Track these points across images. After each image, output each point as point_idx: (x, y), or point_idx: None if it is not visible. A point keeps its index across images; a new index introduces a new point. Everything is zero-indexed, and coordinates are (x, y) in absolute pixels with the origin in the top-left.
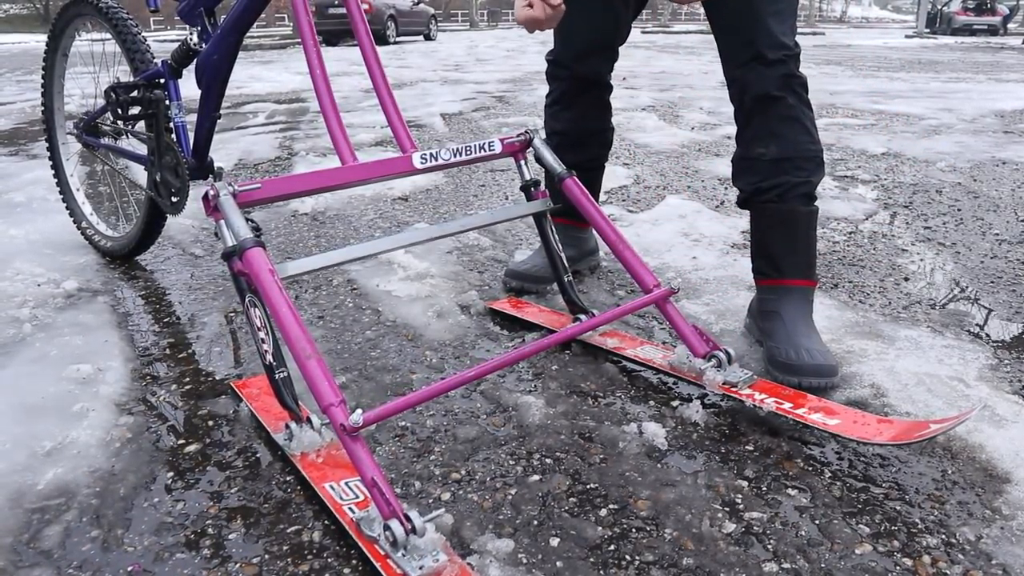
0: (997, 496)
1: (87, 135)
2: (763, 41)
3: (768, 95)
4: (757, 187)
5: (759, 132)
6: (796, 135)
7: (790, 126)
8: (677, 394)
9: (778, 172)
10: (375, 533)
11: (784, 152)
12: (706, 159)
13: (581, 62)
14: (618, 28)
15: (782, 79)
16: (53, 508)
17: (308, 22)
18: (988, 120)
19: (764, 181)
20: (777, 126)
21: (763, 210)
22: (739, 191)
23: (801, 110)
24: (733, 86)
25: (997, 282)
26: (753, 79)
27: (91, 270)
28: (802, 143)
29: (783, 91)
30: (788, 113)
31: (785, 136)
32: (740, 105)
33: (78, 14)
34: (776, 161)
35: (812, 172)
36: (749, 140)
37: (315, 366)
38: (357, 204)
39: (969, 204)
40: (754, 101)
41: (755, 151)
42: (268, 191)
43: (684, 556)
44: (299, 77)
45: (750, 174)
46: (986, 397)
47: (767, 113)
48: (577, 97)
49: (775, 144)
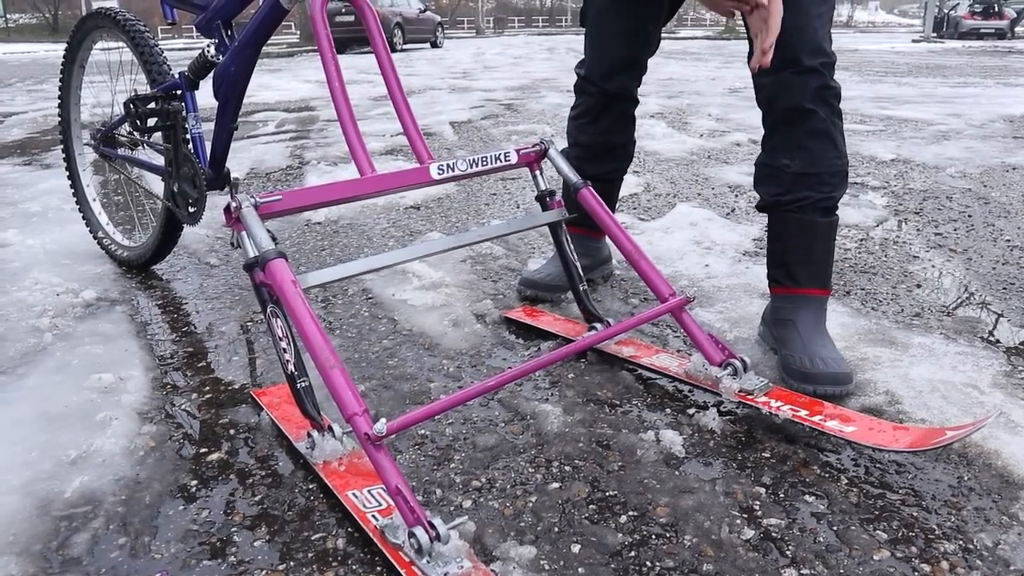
0: (1014, 502)
1: (104, 146)
2: (802, 46)
3: (800, 108)
4: (777, 199)
5: (785, 143)
6: (824, 150)
7: (818, 141)
8: (693, 402)
9: (801, 186)
10: (399, 540)
11: (809, 167)
12: (716, 166)
13: (609, 80)
14: (648, 44)
15: (816, 91)
16: (80, 516)
17: (326, 33)
18: (997, 125)
19: (785, 194)
20: (805, 140)
21: (782, 219)
22: (759, 196)
23: (832, 123)
24: (762, 92)
25: (1009, 288)
26: (785, 88)
27: (108, 280)
28: (828, 158)
29: (815, 104)
30: (818, 127)
31: (812, 151)
32: (768, 112)
33: (96, 26)
34: (800, 175)
35: (836, 187)
36: (774, 149)
37: (339, 376)
38: (370, 213)
39: (980, 210)
40: (784, 111)
41: (780, 161)
42: (289, 203)
43: (704, 562)
44: (307, 86)
45: (772, 184)
46: (1001, 404)
47: (796, 125)
48: (604, 111)
49: (801, 158)
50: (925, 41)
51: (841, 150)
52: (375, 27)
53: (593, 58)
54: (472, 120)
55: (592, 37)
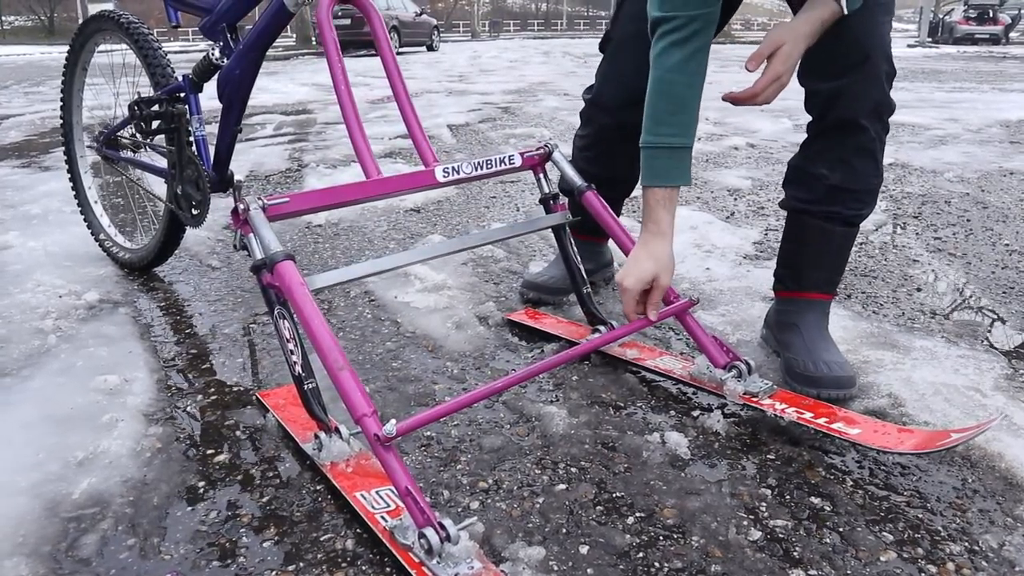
0: (1018, 504)
1: (107, 148)
2: (874, 48)
3: (854, 122)
4: (807, 207)
5: (828, 154)
6: (866, 168)
7: (863, 159)
8: (697, 404)
9: (834, 200)
10: (409, 541)
11: (847, 183)
12: (714, 170)
13: (626, 109)
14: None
15: (875, 106)
16: (88, 517)
17: (332, 36)
18: (994, 130)
19: (815, 205)
20: (850, 156)
21: (804, 225)
22: (785, 195)
23: (880, 140)
24: (816, 98)
25: (1009, 292)
26: (845, 99)
27: (111, 282)
28: (868, 177)
29: (870, 120)
30: (866, 145)
31: (854, 167)
32: (820, 118)
33: (99, 29)
34: (836, 188)
35: (867, 204)
36: (814, 155)
37: (348, 377)
38: (370, 216)
39: (978, 214)
40: (836, 123)
41: (818, 170)
42: (296, 205)
43: (712, 563)
44: (304, 88)
45: (804, 190)
46: (1003, 406)
47: (845, 139)
48: (615, 146)
49: (841, 172)
50: (921, 46)
51: (880, 168)
52: (380, 30)
53: (612, 85)
54: (470, 123)
55: (616, 64)
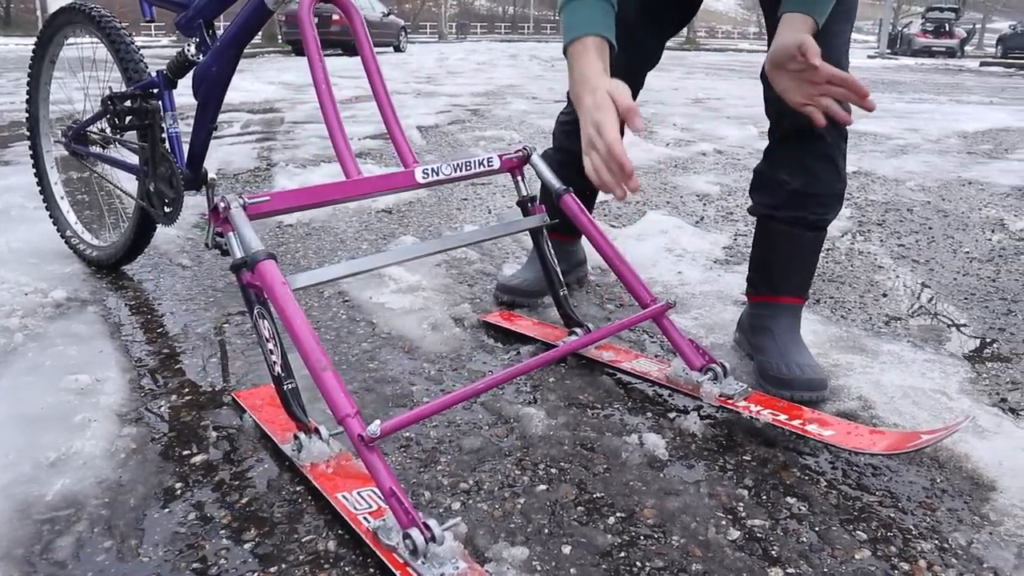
0: (984, 503)
1: (75, 143)
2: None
3: (811, 130)
4: (772, 212)
5: (789, 160)
6: (826, 174)
7: (823, 164)
8: (673, 406)
9: (797, 205)
10: (393, 542)
11: (809, 188)
12: (683, 175)
13: None
14: (651, 60)
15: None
16: (63, 519)
17: (313, 36)
18: (952, 141)
19: (780, 211)
20: (810, 161)
21: (771, 229)
22: (752, 201)
23: (838, 146)
24: (773, 104)
25: (971, 298)
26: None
27: (78, 279)
28: (828, 182)
29: (826, 128)
30: (825, 152)
31: (815, 173)
32: (777, 125)
33: (68, 22)
34: (796, 194)
35: (831, 208)
36: (776, 161)
37: (330, 378)
38: (342, 216)
39: (939, 222)
40: (793, 131)
41: (780, 175)
42: (277, 204)
43: (693, 562)
44: (271, 87)
45: (768, 196)
46: (968, 409)
47: (803, 146)
48: None
49: (801, 177)
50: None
51: (842, 173)
52: (361, 30)
53: None
54: (439, 125)
55: None
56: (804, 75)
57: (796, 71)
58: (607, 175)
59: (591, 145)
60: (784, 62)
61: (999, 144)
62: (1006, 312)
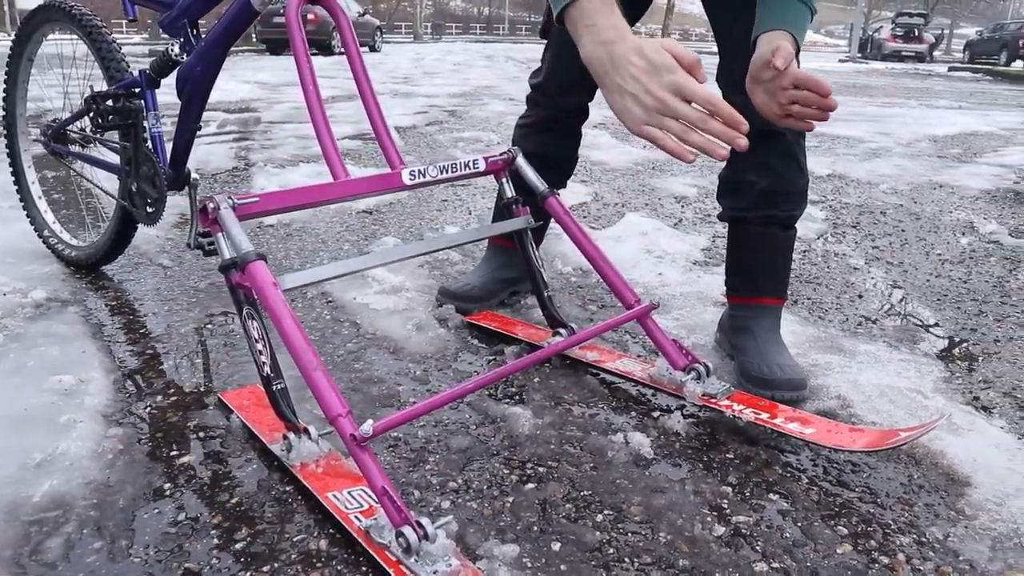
0: (959, 498)
1: (55, 142)
2: None
3: (771, 130)
4: (743, 214)
5: (752, 161)
6: (789, 171)
7: (785, 162)
8: (657, 405)
9: (765, 204)
10: (386, 540)
11: (774, 186)
12: (661, 177)
13: (566, 94)
14: None
15: None
16: (51, 520)
17: (301, 37)
18: (923, 144)
19: (749, 211)
20: (773, 160)
21: (744, 231)
22: (721, 208)
23: (798, 144)
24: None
25: (943, 299)
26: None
27: (57, 280)
28: (793, 179)
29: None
30: (787, 150)
31: (778, 171)
32: None
33: (47, 19)
34: (765, 193)
35: (797, 204)
36: (740, 164)
37: (321, 377)
38: (322, 217)
39: (912, 225)
40: (753, 132)
41: (746, 177)
42: (266, 204)
43: (680, 557)
44: (247, 86)
45: (737, 198)
46: (943, 407)
47: (764, 146)
48: (554, 124)
49: (767, 177)
50: (851, 61)
51: (804, 169)
52: (348, 30)
53: (553, 71)
54: (417, 126)
55: (556, 55)
56: (775, 83)
57: (768, 81)
58: (699, 138)
59: (666, 111)
60: (759, 72)
61: (968, 148)
62: (977, 313)
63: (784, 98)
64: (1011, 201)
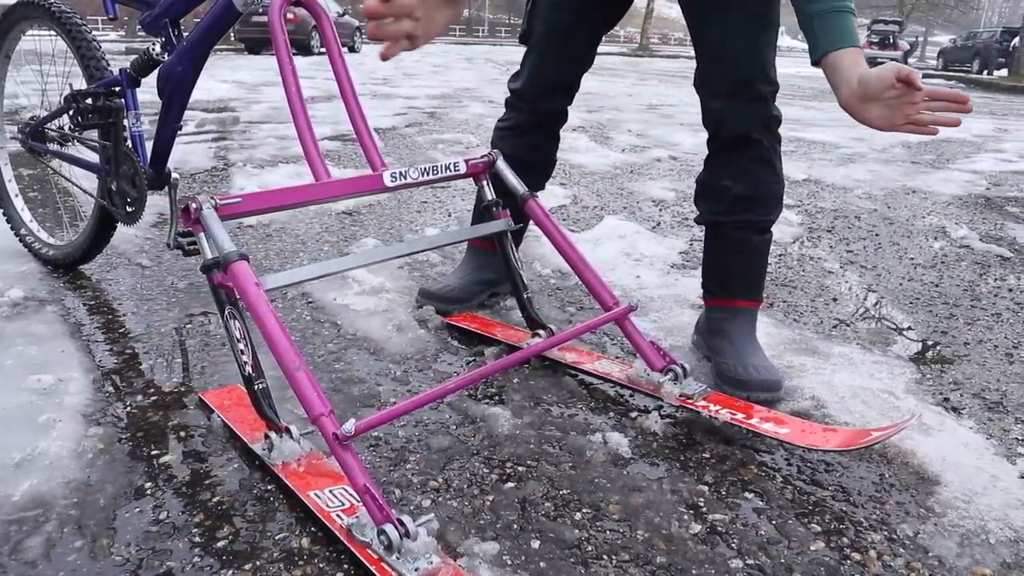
0: (929, 496)
1: (33, 140)
2: (754, 73)
3: (747, 136)
4: (719, 218)
5: (730, 167)
6: (765, 176)
7: (761, 168)
8: (634, 406)
9: (742, 209)
10: (367, 538)
11: (751, 191)
12: (639, 181)
13: (544, 99)
14: (585, 65)
15: (762, 120)
16: (31, 519)
17: (284, 39)
18: (897, 151)
19: (726, 215)
20: (749, 165)
21: (720, 235)
22: (698, 211)
23: (773, 149)
24: (710, 116)
25: (915, 303)
26: (735, 116)
27: (34, 278)
28: (769, 184)
29: (761, 133)
30: (762, 155)
31: (755, 176)
32: (715, 136)
33: (25, 16)
34: (741, 198)
35: (773, 209)
36: (718, 170)
37: (304, 377)
38: (302, 218)
39: (886, 230)
40: (731, 138)
41: (722, 182)
42: (248, 205)
43: (657, 555)
44: (225, 86)
45: (714, 202)
46: (914, 408)
47: (742, 152)
48: (532, 128)
49: (744, 182)
50: None
51: (779, 175)
52: (330, 31)
53: (532, 76)
54: (396, 127)
55: (535, 60)
56: (902, 99)
57: (892, 98)
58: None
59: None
60: (879, 93)
61: (941, 154)
62: (948, 316)
63: (913, 111)
64: (982, 207)
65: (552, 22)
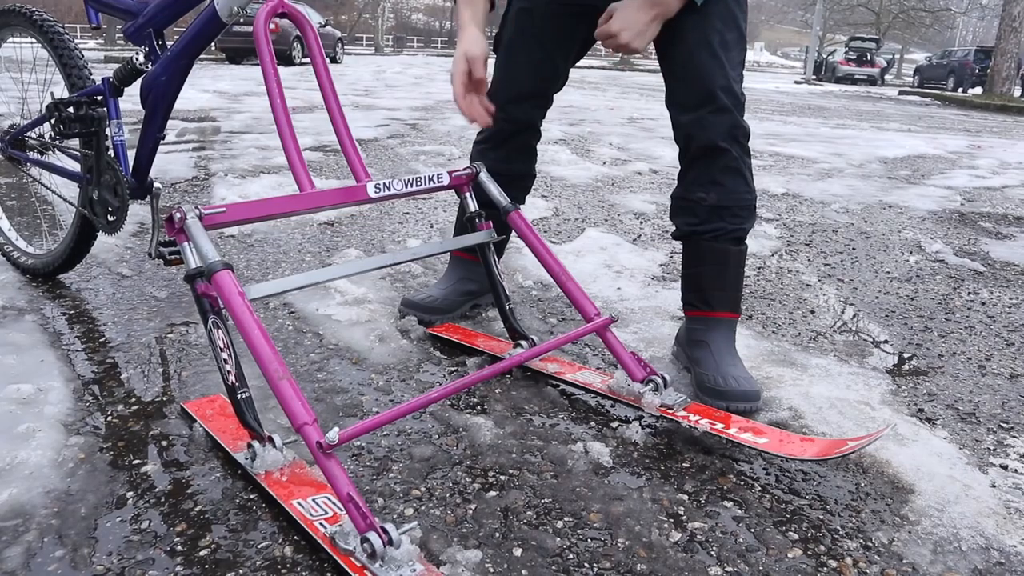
0: (904, 505)
1: (13, 148)
2: (716, 86)
3: (715, 146)
4: (694, 229)
5: (701, 178)
6: (736, 185)
7: (731, 177)
8: (615, 416)
9: (715, 218)
10: (350, 546)
11: (723, 201)
12: (620, 193)
13: (515, 105)
14: (556, 78)
15: (729, 130)
16: (10, 529)
17: (269, 49)
18: (874, 166)
19: (701, 225)
20: (719, 175)
21: (697, 247)
22: (675, 226)
23: (743, 160)
24: (680, 130)
25: (891, 315)
26: (701, 128)
27: (12, 288)
28: (740, 193)
29: (729, 143)
30: (731, 164)
31: (726, 186)
32: (685, 150)
33: (6, 24)
34: (714, 208)
35: (746, 219)
36: (691, 183)
37: (287, 387)
38: (284, 228)
39: (862, 244)
40: (700, 150)
41: (696, 195)
42: (233, 215)
43: (638, 562)
44: (206, 95)
45: (689, 215)
46: (889, 418)
47: (711, 162)
48: (507, 139)
49: (715, 192)
50: (806, 83)
51: (750, 185)
52: (315, 44)
53: (502, 84)
54: (378, 139)
55: (503, 64)
56: None
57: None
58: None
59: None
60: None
61: (916, 170)
62: (923, 329)
63: None
64: (956, 222)
65: (522, 27)
